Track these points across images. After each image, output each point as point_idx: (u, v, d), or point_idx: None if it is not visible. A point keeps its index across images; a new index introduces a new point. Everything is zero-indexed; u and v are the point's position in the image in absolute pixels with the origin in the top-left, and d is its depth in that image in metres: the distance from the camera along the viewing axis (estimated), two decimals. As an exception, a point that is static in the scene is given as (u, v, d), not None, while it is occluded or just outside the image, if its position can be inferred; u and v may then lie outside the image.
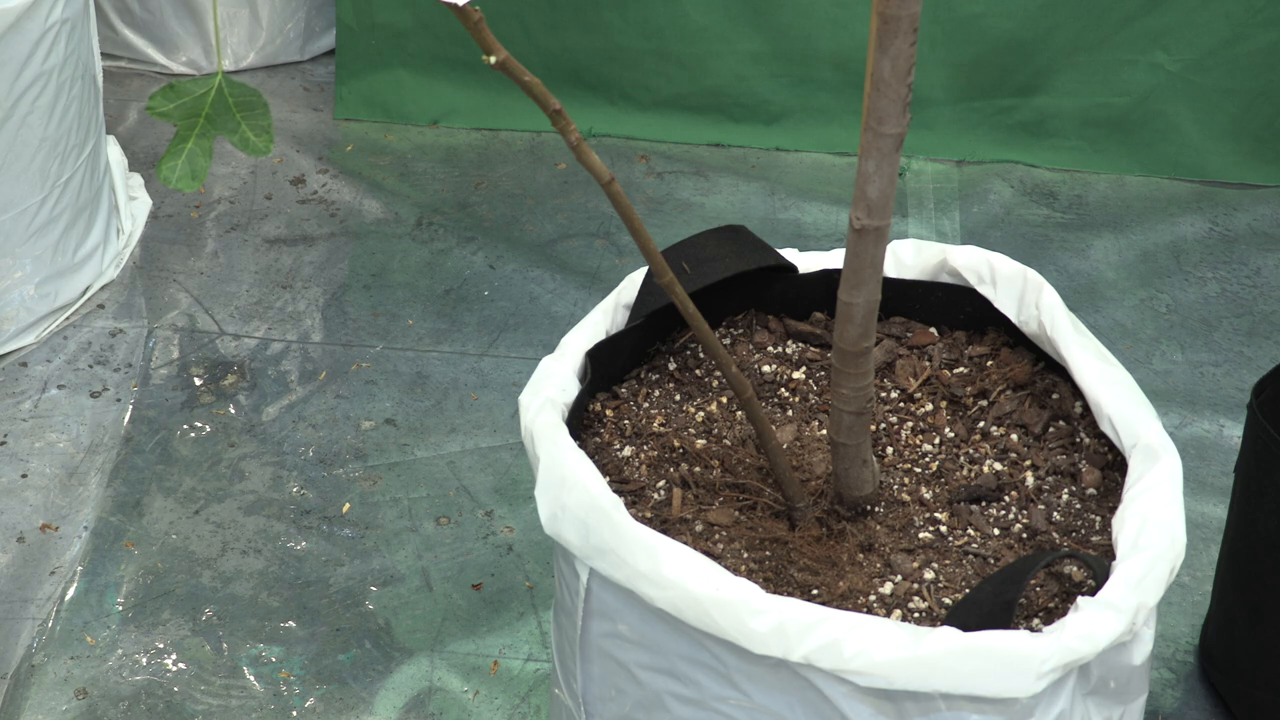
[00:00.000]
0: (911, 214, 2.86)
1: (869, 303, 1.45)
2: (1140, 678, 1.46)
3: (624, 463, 1.58)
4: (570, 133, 1.36)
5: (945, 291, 1.71)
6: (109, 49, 3.14)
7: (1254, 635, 1.95)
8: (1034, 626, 1.41)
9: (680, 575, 1.37)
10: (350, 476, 2.34)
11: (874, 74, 1.34)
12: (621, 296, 1.66)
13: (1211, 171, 2.97)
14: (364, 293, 2.67)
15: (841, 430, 1.51)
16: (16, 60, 2.36)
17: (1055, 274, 2.74)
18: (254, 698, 2.04)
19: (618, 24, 2.96)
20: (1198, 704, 2.06)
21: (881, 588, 1.47)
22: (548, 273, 2.71)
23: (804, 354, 1.70)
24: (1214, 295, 2.71)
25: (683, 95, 3.01)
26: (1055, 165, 2.99)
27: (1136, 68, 2.92)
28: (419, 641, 2.12)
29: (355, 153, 2.98)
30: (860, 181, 1.38)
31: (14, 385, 2.46)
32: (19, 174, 2.42)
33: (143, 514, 2.27)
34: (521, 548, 2.25)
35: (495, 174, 2.94)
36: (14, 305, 2.49)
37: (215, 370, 2.51)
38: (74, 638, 2.10)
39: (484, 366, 2.54)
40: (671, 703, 1.45)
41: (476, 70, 3.00)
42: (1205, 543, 2.26)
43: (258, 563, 2.21)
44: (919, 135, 2.96)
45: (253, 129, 1.48)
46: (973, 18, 2.91)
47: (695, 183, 2.93)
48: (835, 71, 2.96)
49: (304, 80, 3.17)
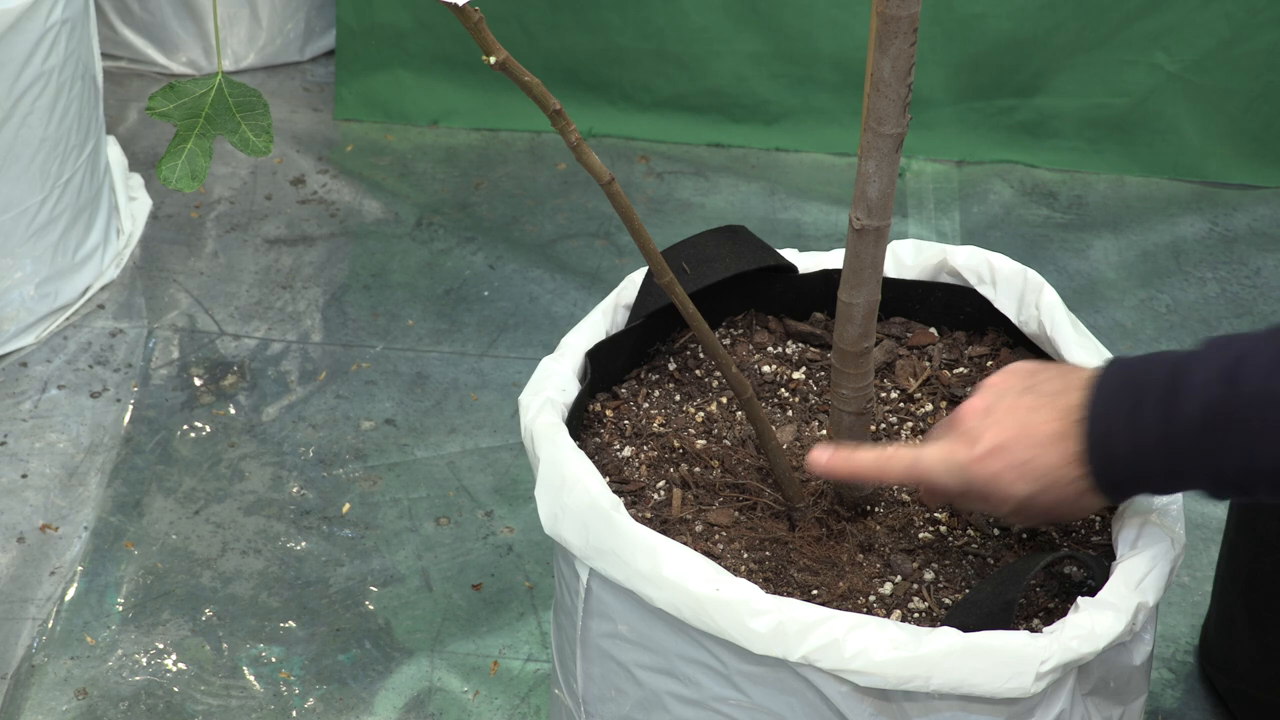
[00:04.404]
0: (911, 214, 2.86)
1: (869, 303, 1.45)
2: (1140, 678, 1.46)
3: (624, 463, 1.58)
4: (570, 133, 1.36)
5: (945, 292, 1.71)
6: (109, 49, 3.14)
7: (1254, 636, 1.95)
8: (1034, 626, 1.41)
9: (680, 575, 1.37)
10: (350, 477, 2.34)
11: (874, 74, 1.34)
12: (621, 296, 1.66)
13: (1211, 172, 2.97)
14: (364, 293, 2.67)
15: (841, 430, 1.51)
16: (16, 60, 2.36)
17: (1055, 274, 2.74)
18: (254, 698, 2.04)
19: (618, 24, 2.96)
20: (1198, 704, 2.06)
21: (881, 588, 1.47)
22: (548, 273, 2.71)
23: (804, 354, 1.70)
24: (1214, 295, 2.71)
25: (683, 95, 3.01)
26: (1055, 165, 2.99)
27: (1136, 68, 2.92)
28: (419, 641, 2.12)
29: (355, 153, 2.98)
30: (860, 181, 1.38)
31: (14, 385, 2.46)
32: (19, 174, 2.42)
33: (143, 514, 2.27)
34: (521, 548, 2.25)
35: (495, 174, 2.94)
36: (14, 305, 2.49)
37: (215, 370, 2.51)
38: (74, 638, 2.10)
39: (484, 366, 2.54)
40: (671, 703, 1.45)
41: (476, 70, 3.00)
42: (1205, 543, 2.26)
43: (258, 563, 2.21)
44: (919, 135, 2.96)
45: (253, 129, 1.48)
46: (973, 18, 2.91)
47: (695, 183, 2.93)
48: (835, 71, 2.96)
49: (304, 80, 3.17)
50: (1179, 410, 1.26)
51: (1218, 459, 1.26)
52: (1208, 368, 1.26)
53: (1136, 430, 1.29)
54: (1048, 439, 1.33)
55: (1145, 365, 1.31)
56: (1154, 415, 1.28)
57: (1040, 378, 1.36)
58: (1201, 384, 1.26)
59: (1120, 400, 1.30)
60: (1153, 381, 1.29)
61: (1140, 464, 1.30)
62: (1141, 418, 1.28)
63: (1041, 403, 1.34)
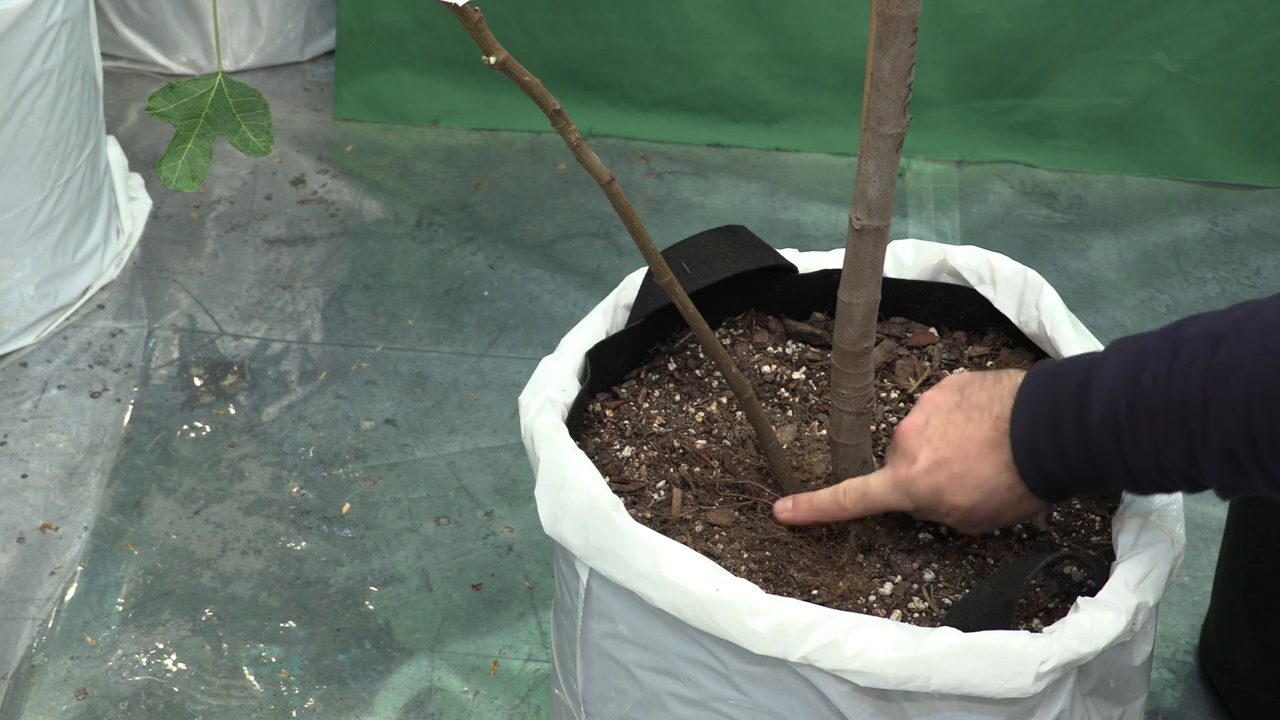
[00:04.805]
0: (911, 214, 2.86)
1: (869, 303, 1.45)
2: (1140, 678, 1.46)
3: (624, 463, 1.58)
4: (570, 133, 1.36)
5: (945, 291, 1.71)
6: (109, 49, 3.14)
7: (1254, 636, 1.95)
8: (1034, 626, 1.41)
9: (680, 575, 1.37)
10: (350, 477, 2.34)
11: (874, 74, 1.34)
12: (621, 296, 1.66)
13: (1211, 172, 2.97)
14: (364, 293, 2.67)
15: (841, 430, 1.51)
16: (16, 60, 2.36)
17: (1055, 274, 2.74)
18: (254, 698, 2.04)
19: (618, 24, 2.96)
20: (1198, 704, 2.06)
21: (881, 588, 1.47)
22: (548, 273, 2.71)
23: (804, 354, 1.70)
24: (1214, 295, 2.71)
25: (683, 95, 3.01)
26: (1055, 165, 2.99)
27: (1136, 68, 2.92)
28: (419, 641, 2.12)
29: (355, 153, 2.98)
30: (860, 182, 1.38)
31: (14, 385, 2.46)
32: (19, 174, 2.42)
33: (143, 514, 2.27)
34: (521, 548, 2.25)
35: (495, 174, 2.94)
36: (14, 305, 2.49)
37: (215, 370, 2.51)
38: (74, 638, 2.10)
39: (484, 366, 2.54)
40: (671, 703, 1.45)
41: (476, 70, 3.00)
42: (1205, 543, 2.26)
43: (258, 563, 2.21)
44: (919, 135, 2.97)
45: (253, 129, 1.48)
46: (973, 18, 2.91)
47: (695, 183, 2.93)
48: (835, 71, 2.96)
49: (304, 80, 3.17)
50: (1089, 417, 1.30)
51: (1129, 463, 1.30)
52: (1114, 374, 1.29)
53: (1056, 439, 1.33)
54: (980, 450, 1.38)
55: (1062, 372, 1.34)
56: (1069, 424, 1.32)
57: (970, 390, 1.41)
58: (1109, 390, 1.29)
59: (1040, 410, 1.34)
60: (1067, 390, 1.32)
61: (1065, 470, 1.34)
62: (1059, 427, 1.32)
63: (972, 415, 1.39)
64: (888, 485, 1.45)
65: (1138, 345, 1.30)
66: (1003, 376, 1.40)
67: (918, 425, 1.42)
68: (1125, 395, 1.28)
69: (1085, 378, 1.31)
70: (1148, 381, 1.27)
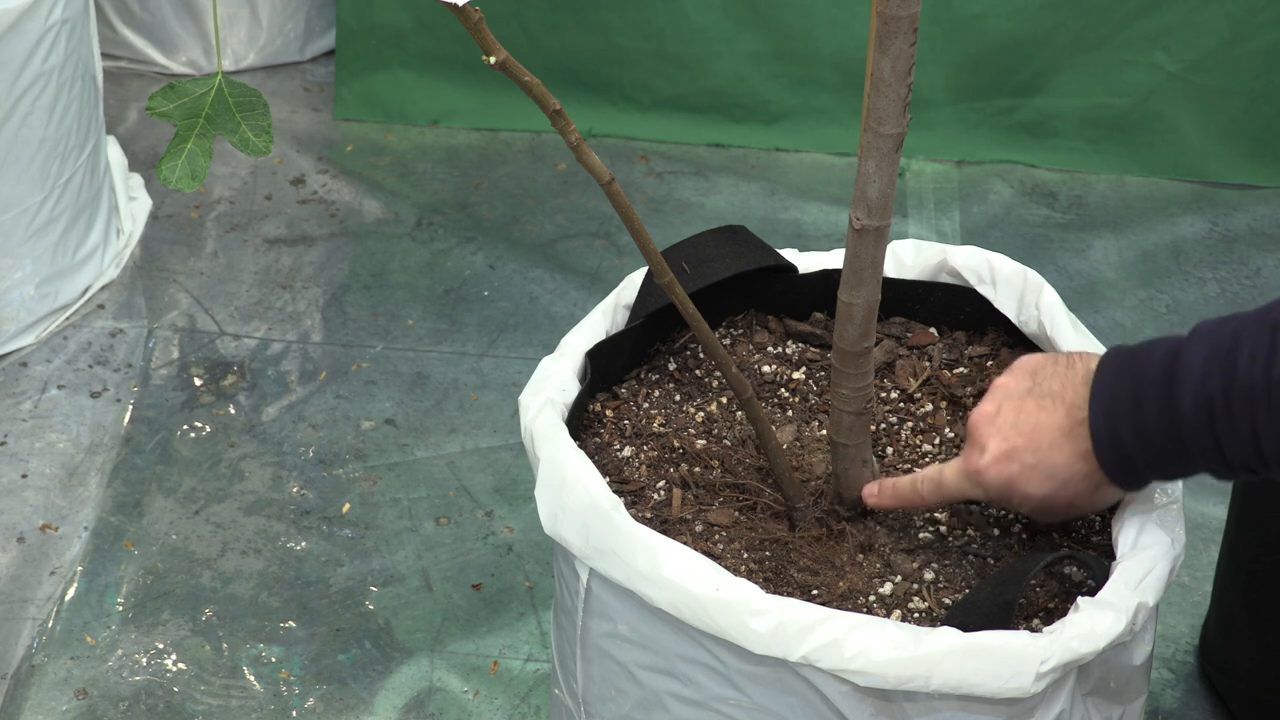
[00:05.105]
0: (911, 214, 2.86)
1: (869, 303, 1.45)
2: (1140, 678, 1.46)
3: (624, 463, 1.58)
4: (570, 133, 1.36)
5: (945, 291, 1.71)
6: (109, 49, 3.14)
7: (1254, 636, 1.95)
8: (1034, 626, 1.41)
9: (680, 575, 1.37)
10: (350, 477, 2.34)
11: (874, 74, 1.34)
12: (621, 296, 1.66)
13: (1211, 172, 2.97)
14: (364, 293, 2.67)
15: (841, 430, 1.51)
16: (16, 60, 2.36)
17: (1055, 274, 2.74)
18: (254, 698, 2.04)
19: (618, 24, 2.96)
20: (1198, 704, 2.06)
21: (881, 588, 1.47)
22: (548, 273, 2.71)
23: (804, 354, 1.70)
24: (1214, 295, 2.71)
25: (683, 95, 3.01)
26: (1055, 165, 2.99)
27: (1136, 68, 2.92)
28: (419, 642, 2.12)
29: (355, 153, 2.98)
30: (860, 182, 1.38)
31: (14, 385, 2.46)
32: (19, 174, 2.42)
33: (143, 514, 2.27)
34: (521, 548, 2.25)
35: (495, 174, 2.94)
36: (14, 305, 2.49)
37: (215, 370, 2.51)
38: (74, 638, 2.10)
39: (484, 366, 2.54)
40: (671, 703, 1.45)
41: (476, 70, 3.00)
42: (1205, 543, 2.26)
43: (258, 563, 2.21)
44: (919, 135, 2.97)
45: (253, 129, 1.48)
46: (973, 18, 2.91)
47: (695, 183, 2.93)
48: (835, 71, 2.96)
49: (304, 80, 3.17)
50: (1180, 400, 1.27)
51: (1223, 447, 1.26)
52: (1205, 356, 1.26)
53: (1139, 423, 1.29)
54: (1054, 439, 1.35)
55: (1142, 353, 1.31)
56: (1156, 409, 1.28)
57: (1042, 375, 1.37)
58: (1201, 373, 1.26)
59: (1121, 396, 1.30)
60: (1151, 372, 1.29)
61: (1149, 456, 1.31)
62: (1145, 412, 1.29)
63: (1045, 404, 1.36)
64: (959, 475, 1.42)
65: (1228, 326, 1.26)
66: (1075, 361, 1.36)
67: (989, 414, 1.39)
68: (1220, 377, 1.24)
69: (1171, 359, 1.28)
70: (1245, 362, 1.23)
